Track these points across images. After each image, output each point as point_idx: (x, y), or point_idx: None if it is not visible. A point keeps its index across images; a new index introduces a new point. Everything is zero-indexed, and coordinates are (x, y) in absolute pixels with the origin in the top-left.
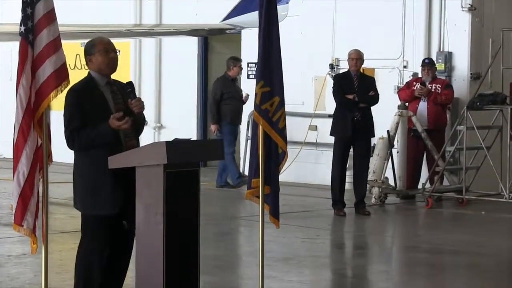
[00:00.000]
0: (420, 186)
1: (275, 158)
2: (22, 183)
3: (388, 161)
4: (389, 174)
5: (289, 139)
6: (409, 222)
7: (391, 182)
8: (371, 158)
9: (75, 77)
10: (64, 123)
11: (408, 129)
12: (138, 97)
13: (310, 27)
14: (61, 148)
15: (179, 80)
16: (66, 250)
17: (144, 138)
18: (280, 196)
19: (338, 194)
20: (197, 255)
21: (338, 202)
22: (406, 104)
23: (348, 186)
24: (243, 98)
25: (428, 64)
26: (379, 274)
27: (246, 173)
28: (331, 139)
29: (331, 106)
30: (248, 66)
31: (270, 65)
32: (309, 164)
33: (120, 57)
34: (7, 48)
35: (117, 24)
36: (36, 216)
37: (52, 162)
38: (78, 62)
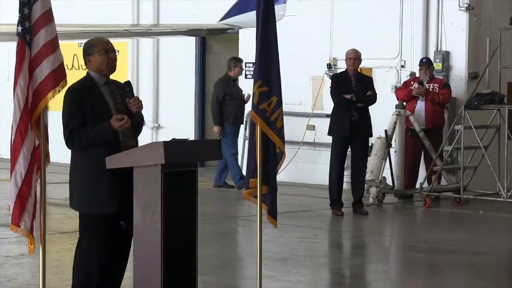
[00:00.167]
0: (418, 185)
1: (273, 158)
2: (20, 184)
3: (386, 160)
4: (387, 173)
5: (286, 139)
6: (407, 221)
7: (389, 181)
8: (369, 158)
9: (73, 77)
10: (63, 122)
11: (406, 128)
12: (136, 96)
13: (308, 27)
14: (58, 148)
15: (177, 80)
16: (63, 251)
17: (142, 138)
18: (278, 196)
19: (336, 193)
20: (195, 255)
21: (336, 202)
22: (404, 103)
23: (346, 185)
24: (245, 98)
25: (425, 63)
26: (377, 273)
27: (244, 173)
28: (329, 139)
29: (329, 106)
30: (246, 66)
31: (267, 64)
32: (307, 164)
33: (118, 57)
34: (5, 48)
35: (115, 24)
36: (33, 216)
37: (49, 162)
38: (76, 63)
